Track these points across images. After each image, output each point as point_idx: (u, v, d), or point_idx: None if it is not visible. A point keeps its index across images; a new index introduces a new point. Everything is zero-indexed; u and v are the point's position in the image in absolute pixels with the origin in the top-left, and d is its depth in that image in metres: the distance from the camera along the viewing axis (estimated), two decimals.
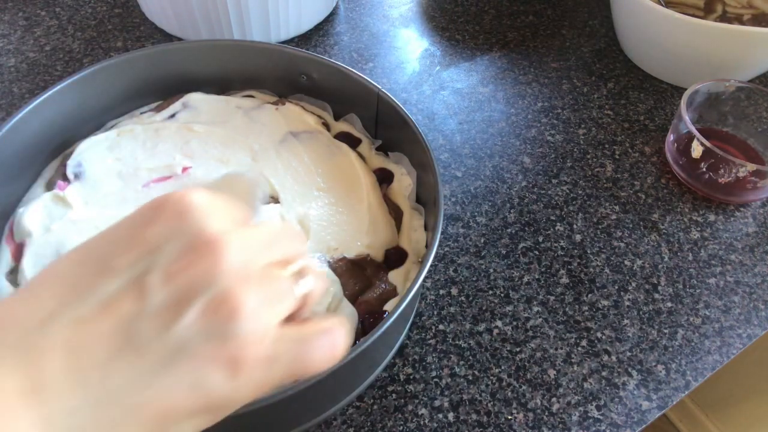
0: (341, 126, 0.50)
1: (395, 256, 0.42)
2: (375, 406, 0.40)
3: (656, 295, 0.47)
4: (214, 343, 0.20)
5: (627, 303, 0.47)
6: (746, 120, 0.57)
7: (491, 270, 0.48)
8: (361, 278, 0.40)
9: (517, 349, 0.43)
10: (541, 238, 0.50)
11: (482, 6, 0.74)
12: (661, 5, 0.60)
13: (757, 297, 0.48)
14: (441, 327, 0.44)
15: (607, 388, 0.42)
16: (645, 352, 0.44)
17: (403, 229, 0.43)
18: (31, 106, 0.41)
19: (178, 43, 0.50)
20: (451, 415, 0.40)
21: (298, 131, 0.48)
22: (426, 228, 0.43)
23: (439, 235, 0.36)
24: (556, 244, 0.50)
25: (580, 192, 0.54)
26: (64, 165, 0.44)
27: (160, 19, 0.64)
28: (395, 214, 0.44)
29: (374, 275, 0.41)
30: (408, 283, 0.40)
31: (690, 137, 0.52)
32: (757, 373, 0.91)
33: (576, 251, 0.50)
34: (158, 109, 0.49)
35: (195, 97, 0.49)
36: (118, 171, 0.44)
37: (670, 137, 0.56)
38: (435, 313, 0.45)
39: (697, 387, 0.43)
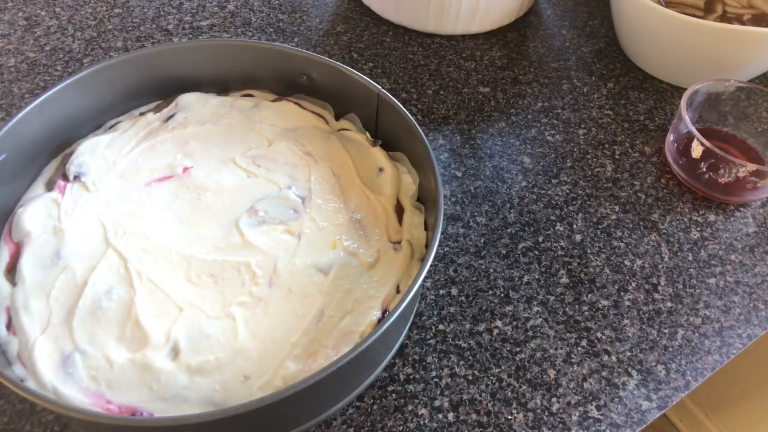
0: (341, 125, 0.50)
1: None
2: (375, 406, 0.40)
3: (656, 295, 0.47)
4: None
5: (627, 303, 0.47)
6: (746, 120, 0.57)
7: (491, 270, 0.48)
8: None
9: (517, 349, 0.43)
10: (541, 238, 0.50)
11: None
12: (661, 5, 0.60)
13: (757, 297, 0.48)
14: (441, 327, 0.44)
15: (607, 388, 0.42)
16: (645, 352, 0.44)
17: (404, 228, 0.43)
18: (31, 106, 0.41)
19: (178, 43, 0.50)
20: (451, 415, 0.40)
21: (296, 127, 0.48)
22: (426, 227, 0.43)
23: (439, 235, 0.36)
24: (556, 244, 0.50)
25: (580, 192, 0.54)
26: (64, 165, 0.44)
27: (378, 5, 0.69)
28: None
29: None
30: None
31: (690, 137, 0.52)
32: (757, 373, 0.91)
33: (576, 251, 0.50)
34: (158, 109, 0.49)
35: (194, 97, 0.49)
36: (118, 171, 0.44)
37: (670, 137, 0.56)
38: (435, 313, 0.45)
39: (697, 387, 0.43)
